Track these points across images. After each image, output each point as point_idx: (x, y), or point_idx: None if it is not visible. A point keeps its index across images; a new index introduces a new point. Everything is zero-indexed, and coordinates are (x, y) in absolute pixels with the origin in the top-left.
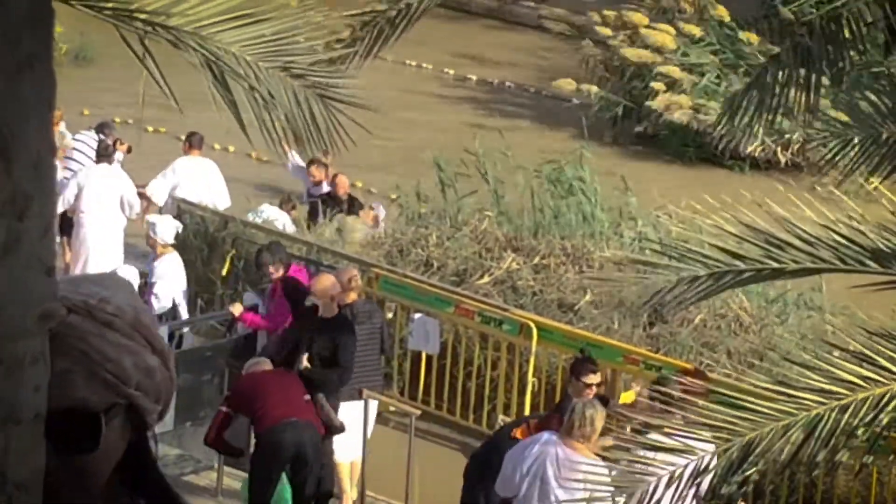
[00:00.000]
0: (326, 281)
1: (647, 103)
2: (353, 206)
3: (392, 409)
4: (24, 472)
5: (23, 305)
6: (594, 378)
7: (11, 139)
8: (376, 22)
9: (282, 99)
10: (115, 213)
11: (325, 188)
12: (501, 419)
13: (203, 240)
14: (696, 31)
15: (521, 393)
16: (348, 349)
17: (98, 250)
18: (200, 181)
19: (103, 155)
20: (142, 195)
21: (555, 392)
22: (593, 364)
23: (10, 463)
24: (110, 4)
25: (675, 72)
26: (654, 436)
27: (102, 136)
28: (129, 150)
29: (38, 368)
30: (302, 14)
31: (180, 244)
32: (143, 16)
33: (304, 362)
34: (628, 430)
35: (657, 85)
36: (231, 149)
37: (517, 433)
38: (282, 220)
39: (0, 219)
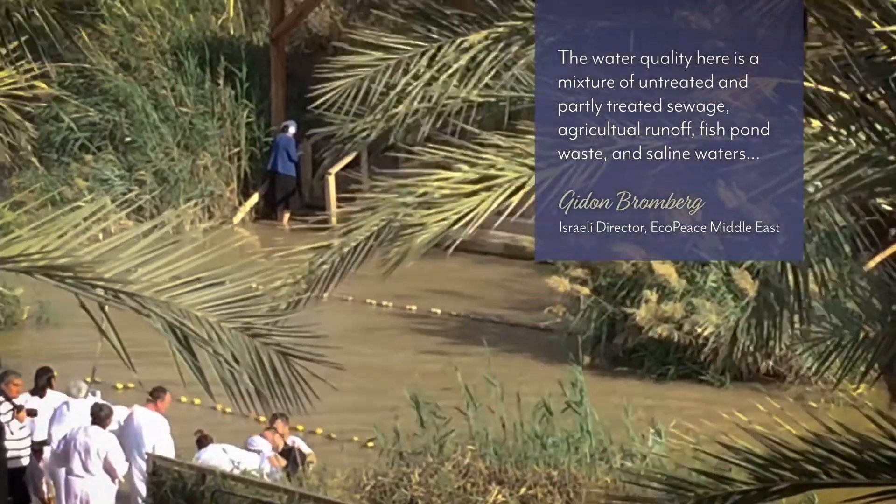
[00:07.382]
0: None
1: (635, 311)
2: (291, 459)
3: None
4: None
5: None
6: None
7: None
8: (332, 257)
9: (244, 358)
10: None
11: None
12: None
13: (182, 496)
14: None
15: None
16: None
17: None
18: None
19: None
20: None
21: None
22: None
23: None
24: (70, 274)
25: (672, 275)
26: None
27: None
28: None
29: None
30: (260, 269)
31: (159, 502)
32: (102, 283)
33: None
34: None
35: (649, 294)
36: (197, 402)
37: None
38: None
39: None
